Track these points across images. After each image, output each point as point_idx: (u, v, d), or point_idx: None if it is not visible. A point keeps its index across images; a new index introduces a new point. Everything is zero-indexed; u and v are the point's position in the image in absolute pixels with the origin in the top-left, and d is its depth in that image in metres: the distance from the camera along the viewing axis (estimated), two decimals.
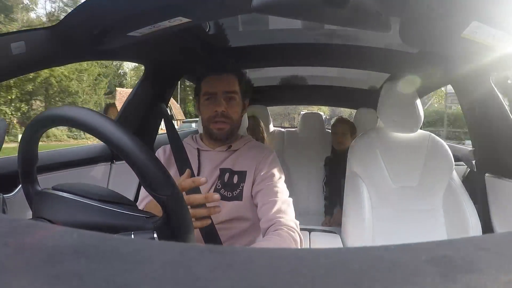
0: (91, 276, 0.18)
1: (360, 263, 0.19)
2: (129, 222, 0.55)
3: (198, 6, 0.91)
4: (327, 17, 0.77)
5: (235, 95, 1.08)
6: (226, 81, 1.07)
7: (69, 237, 0.23)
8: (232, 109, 1.07)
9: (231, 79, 1.08)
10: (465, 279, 0.17)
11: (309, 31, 1.59)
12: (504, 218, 1.39)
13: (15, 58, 0.90)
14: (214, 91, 1.07)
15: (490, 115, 1.44)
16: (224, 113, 1.05)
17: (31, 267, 0.18)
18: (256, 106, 2.65)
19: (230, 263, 0.20)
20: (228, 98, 1.07)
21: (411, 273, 0.18)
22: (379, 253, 0.21)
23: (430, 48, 1.22)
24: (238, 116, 1.11)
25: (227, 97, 1.07)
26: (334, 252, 0.21)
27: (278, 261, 0.20)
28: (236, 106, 1.09)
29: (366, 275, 0.18)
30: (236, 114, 1.09)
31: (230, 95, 1.07)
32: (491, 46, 0.90)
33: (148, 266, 0.19)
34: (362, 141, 1.52)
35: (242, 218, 1.03)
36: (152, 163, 0.50)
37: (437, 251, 0.21)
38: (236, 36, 1.66)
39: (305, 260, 0.20)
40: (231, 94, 1.07)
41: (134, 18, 0.95)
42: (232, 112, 1.07)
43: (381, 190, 1.44)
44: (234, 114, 1.08)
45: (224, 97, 1.06)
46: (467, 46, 0.93)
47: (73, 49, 1.05)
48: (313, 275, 0.18)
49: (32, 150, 0.62)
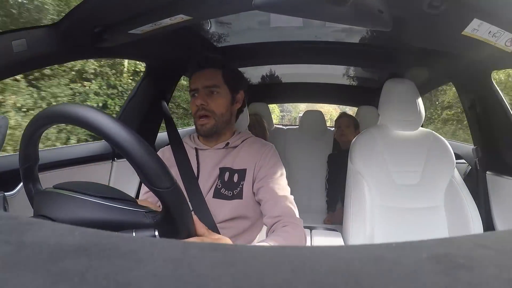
0: (93, 273, 0.18)
1: (361, 261, 0.19)
2: (129, 217, 0.55)
3: (199, 4, 0.91)
4: (327, 14, 0.77)
5: (218, 89, 1.07)
6: (207, 75, 1.08)
7: (71, 235, 0.23)
8: (214, 103, 1.06)
9: (213, 73, 1.08)
10: (466, 277, 0.17)
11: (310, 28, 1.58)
12: (506, 215, 1.39)
13: (17, 55, 0.90)
14: (196, 86, 1.07)
15: (491, 113, 1.43)
16: (205, 106, 1.05)
17: (32, 265, 0.18)
18: (257, 103, 2.65)
19: (232, 260, 0.20)
20: (210, 92, 1.07)
21: (412, 271, 0.18)
22: (380, 251, 0.21)
23: (431, 46, 1.22)
24: (223, 109, 1.09)
25: (209, 91, 1.07)
26: (335, 250, 0.21)
27: (280, 258, 0.20)
28: (219, 99, 1.08)
29: (368, 273, 0.18)
30: (220, 108, 1.07)
31: (211, 89, 1.07)
32: (492, 44, 0.90)
33: (149, 263, 0.19)
34: (364, 139, 1.51)
35: (243, 217, 1.03)
36: (150, 157, 0.50)
37: (438, 249, 0.21)
38: (238, 34, 1.66)
39: (306, 258, 0.20)
40: (212, 88, 1.07)
41: (135, 16, 0.95)
42: (214, 106, 1.06)
43: (383, 188, 1.44)
44: (218, 107, 1.07)
45: (206, 92, 1.06)
46: (468, 44, 0.93)
47: (74, 47, 1.05)
48: (315, 273, 0.18)
49: (33, 148, 0.62)
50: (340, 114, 2.51)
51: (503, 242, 0.22)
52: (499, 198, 1.44)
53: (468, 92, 1.53)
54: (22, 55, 0.91)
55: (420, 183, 1.45)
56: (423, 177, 1.45)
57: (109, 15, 0.97)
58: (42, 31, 0.96)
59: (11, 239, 0.21)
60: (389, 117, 1.47)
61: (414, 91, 1.47)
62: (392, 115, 1.46)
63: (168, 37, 1.31)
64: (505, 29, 0.85)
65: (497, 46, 0.90)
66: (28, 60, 0.94)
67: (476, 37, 0.88)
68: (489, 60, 1.16)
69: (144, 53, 1.44)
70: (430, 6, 0.82)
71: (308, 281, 0.17)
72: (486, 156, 1.52)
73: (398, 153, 1.47)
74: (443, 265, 0.18)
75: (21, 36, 0.90)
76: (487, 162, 1.53)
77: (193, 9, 0.92)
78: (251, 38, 1.71)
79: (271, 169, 1.04)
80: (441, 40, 1.00)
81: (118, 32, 1.03)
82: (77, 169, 1.33)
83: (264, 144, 1.12)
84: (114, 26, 1.01)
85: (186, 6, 0.91)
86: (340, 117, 2.43)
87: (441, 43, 1.04)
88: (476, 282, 0.17)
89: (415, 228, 1.41)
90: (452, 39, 0.95)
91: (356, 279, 0.17)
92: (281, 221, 0.93)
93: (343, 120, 2.38)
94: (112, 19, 0.99)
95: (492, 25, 0.84)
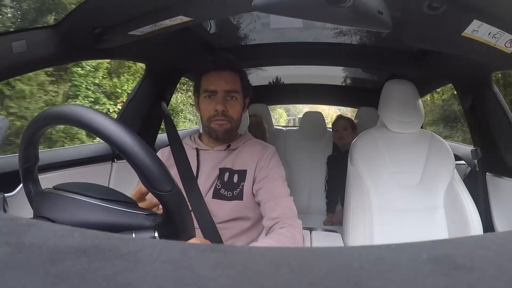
0: (92, 275, 0.18)
1: (361, 262, 0.19)
2: (130, 220, 0.55)
3: (199, 5, 0.91)
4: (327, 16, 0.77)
5: (236, 95, 1.06)
6: (228, 79, 1.05)
7: (70, 236, 0.23)
8: (232, 109, 1.05)
9: (233, 77, 1.06)
10: (466, 278, 0.17)
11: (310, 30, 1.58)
12: (505, 217, 1.39)
13: (16, 57, 0.90)
14: (215, 89, 1.04)
15: (491, 114, 1.44)
16: (225, 112, 1.03)
17: (32, 266, 0.18)
18: (257, 105, 2.65)
19: (231, 261, 0.20)
20: (229, 97, 1.05)
21: (412, 272, 0.18)
22: (380, 252, 0.21)
23: (431, 47, 1.22)
24: (239, 115, 1.09)
25: (227, 96, 1.04)
26: (335, 251, 0.21)
27: (279, 260, 0.20)
28: (237, 105, 1.07)
29: (367, 274, 0.18)
30: (236, 114, 1.07)
31: (231, 94, 1.05)
32: (492, 45, 0.90)
33: (149, 264, 0.19)
34: (364, 140, 1.51)
35: (243, 218, 1.02)
36: (152, 160, 0.50)
37: (438, 250, 0.21)
38: (237, 35, 1.66)
39: (306, 259, 0.20)
40: (233, 94, 1.05)
41: (135, 17, 0.95)
42: (232, 112, 1.05)
43: (382, 189, 1.44)
44: (235, 113, 1.06)
45: (225, 96, 1.04)
46: (468, 45, 0.93)
47: (74, 48, 1.06)
48: (314, 274, 0.18)
49: (33, 149, 0.62)
50: (336, 117, 2.50)
51: (503, 243, 0.22)
52: (499, 199, 1.43)
53: (468, 93, 1.53)
54: (22, 56, 0.91)
55: (420, 184, 1.45)
56: (423, 178, 1.45)
57: (109, 16, 0.97)
58: (42, 32, 0.96)
59: (11, 240, 0.21)
60: (389, 118, 1.47)
61: (414, 92, 1.47)
62: (392, 116, 1.46)
63: (168, 38, 1.31)
64: (505, 30, 0.85)
65: (497, 47, 0.90)
66: (28, 61, 0.94)
67: (476, 38, 0.88)
68: (489, 61, 1.16)
69: (144, 54, 1.44)
70: (430, 7, 0.82)
71: (308, 282, 0.17)
72: (486, 157, 1.52)
73: (398, 154, 1.47)
74: (443, 266, 0.18)
75: (21, 37, 0.90)
76: (487, 163, 1.53)
77: (193, 10, 0.92)
78: (251, 39, 1.72)
79: (271, 170, 1.04)
80: (441, 41, 1.00)
81: (118, 33, 1.03)
82: (77, 170, 1.33)
83: (264, 146, 1.12)
84: (114, 27, 1.01)
85: (186, 7, 0.91)
86: (337, 121, 2.42)
87: (441, 44, 1.04)
88: (475, 283, 0.17)
89: (414, 229, 1.41)
90: (452, 40, 0.95)
91: (356, 280, 0.17)
92: (279, 223, 0.93)
93: (340, 123, 2.37)
94: (112, 20, 0.99)
95: (492, 26, 0.84)
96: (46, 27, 0.97)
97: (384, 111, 1.49)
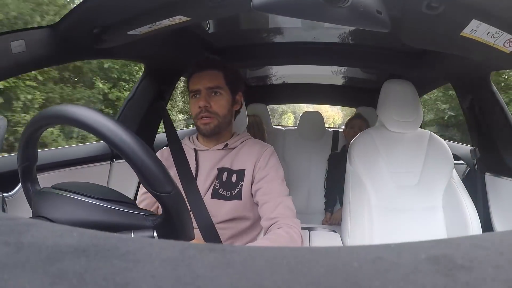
0: (91, 274, 0.18)
1: (360, 262, 0.19)
2: (129, 220, 0.55)
3: (197, 5, 0.91)
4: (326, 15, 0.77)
5: (221, 90, 1.08)
6: (209, 77, 1.07)
7: (69, 236, 0.23)
8: (216, 104, 1.07)
9: (214, 75, 1.08)
10: (465, 277, 0.17)
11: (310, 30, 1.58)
12: (504, 216, 1.39)
13: (15, 56, 0.90)
14: (197, 88, 1.07)
15: (490, 114, 1.44)
16: (208, 108, 1.05)
17: (31, 266, 0.18)
18: (256, 104, 2.65)
19: (230, 261, 0.20)
20: (212, 93, 1.07)
21: (411, 271, 0.18)
22: (379, 251, 0.21)
23: (430, 47, 1.22)
24: (226, 111, 1.09)
25: (211, 93, 1.07)
26: (334, 251, 0.21)
27: (278, 259, 0.20)
28: (222, 100, 1.08)
29: (366, 273, 0.18)
30: (222, 109, 1.08)
31: (213, 90, 1.07)
32: (491, 45, 0.90)
33: (148, 264, 0.19)
34: (362, 140, 1.51)
35: (242, 218, 1.03)
36: (152, 161, 0.50)
37: (437, 250, 0.21)
38: (236, 35, 1.66)
39: (305, 258, 0.20)
40: (215, 89, 1.07)
41: (133, 16, 0.95)
42: (216, 107, 1.06)
43: (381, 188, 1.44)
44: (220, 109, 1.07)
45: (208, 93, 1.06)
46: (466, 45, 0.93)
47: (73, 48, 1.05)
48: (313, 274, 0.18)
49: (32, 149, 0.62)
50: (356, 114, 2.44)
51: (502, 243, 0.22)
52: (498, 199, 1.44)
53: (467, 93, 1.54)
54: (21, 56, 0.91)
55: (418, 184, 1.45)
56: (422, 178, 1.46)
57: (107, 16, 0.97)
58: (41, 32, 0.96)
59: (10, 240, 0.21)
60: (387, 118, 1.47)
61: (412, 92, 1.47)
62: (391, 116, 1.46)
63: (167, 38, 1.30)
64: (504, 30, 0.85)
65: (496, 47, 0.90)
66: (27, 61, 0.94)
67: (475, 38, 0.88)
68: (488, 61, 1.16)
69: (143, 54, 1.44)
70: (429, 7, 0.82)
71: (307, 282, 0.17)
72: (485, 157, 1.52)
73: (397, 154, 1.48)
74: (441, 266, 0.18)
75: (20, 37, 0.90)
76: (486, 163, 1.53)
77: (192, 10, 0.92)
78: (250, 39, 1.72)
79: (270, 170, 1.04)
80: (439, 41, 1.00)
81: (116, 33, 1.03)
82: (76, 169, 1.32)
83: (263, 146, 1.12)
84: (113, 27, 1.01)
85: (185, 7, 0.91)
86: (354, 118, 2.36)
87: (439, 44, 1.04)
88: (474, 282, 0.17)
89: (413, 229, 1.41)
90: (450, 40, 0.95)
91: (354, 280, 0.17)
92: (277, 223, 0.94)
93: (357, 122, 2.31)
94: (110, 20, 0.99)
95: (491, 26, 0.84)
96: (45, 27, 0.97)
97: (382, 111, 1.49)
